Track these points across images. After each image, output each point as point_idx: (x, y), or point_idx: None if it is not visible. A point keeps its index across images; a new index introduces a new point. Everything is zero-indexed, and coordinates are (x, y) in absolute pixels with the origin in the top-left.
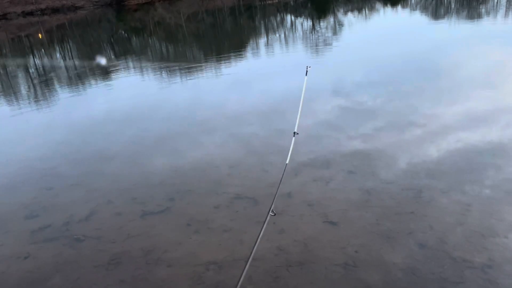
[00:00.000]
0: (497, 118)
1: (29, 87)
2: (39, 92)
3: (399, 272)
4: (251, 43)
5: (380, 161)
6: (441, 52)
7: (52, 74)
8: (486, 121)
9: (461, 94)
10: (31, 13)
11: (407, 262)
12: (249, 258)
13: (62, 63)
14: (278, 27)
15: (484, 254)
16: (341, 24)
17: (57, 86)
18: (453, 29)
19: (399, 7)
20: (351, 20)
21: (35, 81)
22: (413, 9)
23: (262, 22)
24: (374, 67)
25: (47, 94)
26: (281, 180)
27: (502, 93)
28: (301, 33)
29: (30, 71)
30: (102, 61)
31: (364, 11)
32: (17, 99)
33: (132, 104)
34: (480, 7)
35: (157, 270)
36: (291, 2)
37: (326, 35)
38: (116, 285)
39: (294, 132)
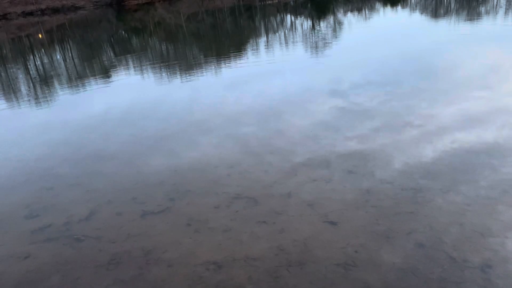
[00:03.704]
0: (494, 118)
1: (28, 87)
2: (38, 92)
3: (399, 272)
4: (251, 43)
5: (379, 161)
6: (440, 53)
7: (52, 74)
8: (485, 122)
9: (462, 95)
10: (31, 13)
11: (407, 262)
12: None
13: (62, 63)
14: (278, 27)
15: (484, 254)
16: (340, 24)
17: (56, 86)
18: (452, 29)
19: (398, 7)
20: (350, 20)
21: (35, 81)
22: (413, 9)
23: (262, 22)
24: (374, 68)
25: (46, 94)
26: None
27: (500, 94)
28: (300, 33)
29: (30, 71)
30: (102, 61)
31: (364, 11)
32: (16, 99)
33: (132, 103)
34: (480, 7)
35: (157, 270)
36: (291, 2)
37: (326, 35)
38: (116, 285)
39: None
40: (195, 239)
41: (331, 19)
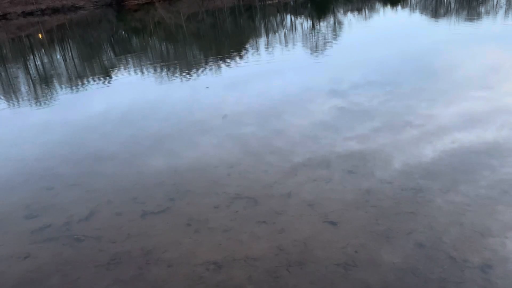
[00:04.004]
0: (494, 118)
1: (28, 87)
2: (38, 91)
3: (399, 272)
4: (251, 43)
5: (379, 161)
6: (440, 53)
7: (52, 74)
8: (485, 122)
9: (462, 95)
10: (31, 13)
11: (407, 262)
12: None
13: (62, 63)
14: (278, 27)
15: (484, 254)
16: (340, 24)
17: (56, 86)
18: (452, 29)
19: (399, 7)
20: (350, 20)
21: (35, 81)
22: (413, 9)
23: (262, 22)
24: (373, 67)
25: (46, 93)
26: None
27: (500, 94)
28: (300, 33)
29: (30, 71)
30: (102, 61)
31: (364, 11)
32: (16, 98)
33: (132, 103)
34: (480, 7)
35: (157, 270)
36: (291, 2)
37: (326, 35)
38: (116, 285)
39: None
40: (195, 239)
41: (331, 19)
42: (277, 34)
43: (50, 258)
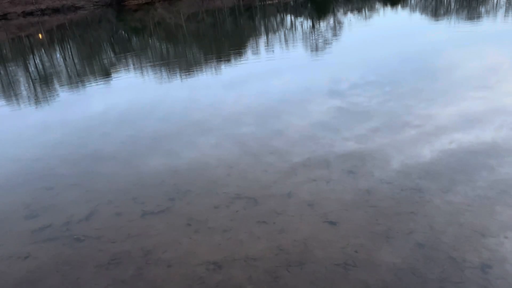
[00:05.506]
0: (493, 118)
1: (28, 87)
2: (38, 91)
3: (398, 272)
4: (251, 43)
5: (379, 161)
6: (439, 53)
7: (52, 74)
8: (484, 122)
9: (460, 95)
10: (31, 13)
11: (407, 262)
12: None
13: (61, 63)
14: (278, 27)
15: (484, 254)
16: (340, 24)
17: (56, 86)
18: (452, 29)
19: (398, 7)
20: (350, 20)
21: (34, 81)
22: (413, 9)
23: (262, 22)
24: (373, 67)
25: (46, 93)
26: None
27: (499, 94)
28: (300, 33)
29: (30, 71)
30: (102, 61)
31: (363, 11)
32: (16, 98)
33: (132, 103)
34: (480, 7)
35: (157, 270)
36: (291, 2)
37: (326, 35)
38: (116, 285)
39: None
40: (195, 239)
41: (331, 19)
42: (277, 34)
43: (50, 258)
